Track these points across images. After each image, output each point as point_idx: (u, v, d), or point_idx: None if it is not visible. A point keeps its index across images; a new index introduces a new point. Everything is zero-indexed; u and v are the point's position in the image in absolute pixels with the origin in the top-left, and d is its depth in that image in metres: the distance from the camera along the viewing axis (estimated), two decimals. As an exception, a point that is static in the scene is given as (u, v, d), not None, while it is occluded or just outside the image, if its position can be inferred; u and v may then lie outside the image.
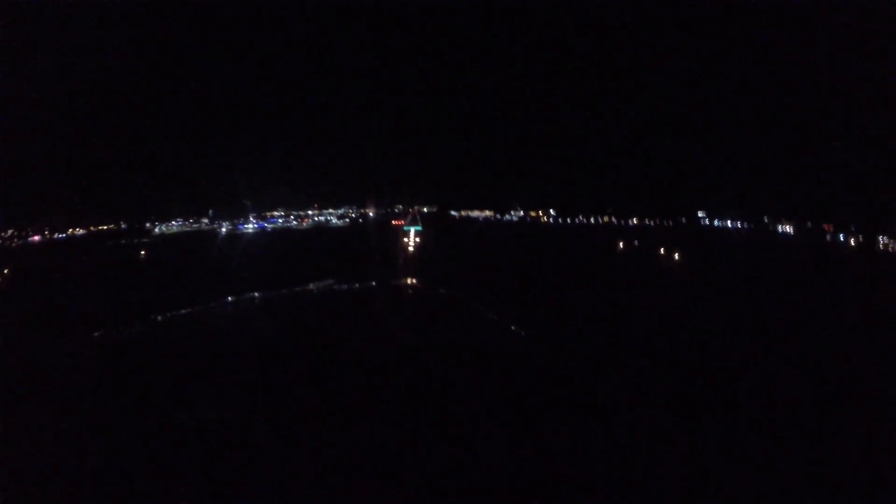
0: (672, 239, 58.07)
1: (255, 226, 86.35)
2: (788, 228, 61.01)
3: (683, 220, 76.41)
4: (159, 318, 22.31)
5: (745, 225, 69.21)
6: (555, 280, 33.39)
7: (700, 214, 74.15)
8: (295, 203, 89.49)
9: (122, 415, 10.64)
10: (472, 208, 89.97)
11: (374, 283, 30.71)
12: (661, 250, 46.73)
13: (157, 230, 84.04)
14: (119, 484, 7.83)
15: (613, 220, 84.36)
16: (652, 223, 79.02)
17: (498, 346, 16.74)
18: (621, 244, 55.15)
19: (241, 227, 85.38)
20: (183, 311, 23.21)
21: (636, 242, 55.83)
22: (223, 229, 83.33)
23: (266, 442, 9.35)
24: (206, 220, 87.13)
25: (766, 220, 66.27)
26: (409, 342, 17.39)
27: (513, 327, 19.22)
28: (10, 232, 66.93)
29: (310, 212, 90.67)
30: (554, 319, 20.55)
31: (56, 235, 73.72)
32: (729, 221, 72.39)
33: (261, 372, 14.15)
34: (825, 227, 56.43)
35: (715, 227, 74.13)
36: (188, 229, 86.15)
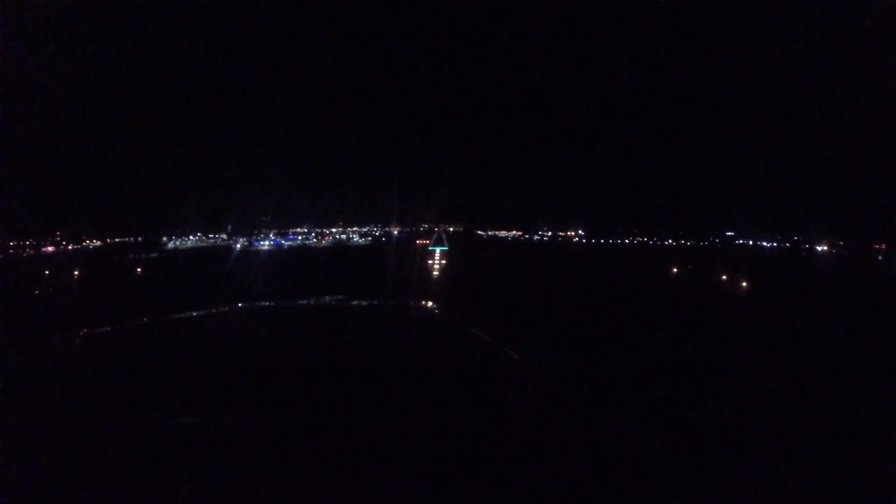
0: (720, 261, 51.50)
1: (272, 242, 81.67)
2: (825, 247, 57.71)
3: (717, 240, 71.63)
4: (148, 320, 22.37)
5: (778, 244, 66.49)
6: (611, 318, 26.78)
7: (729, 234, 70.79)
8: (321, 220, 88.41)
9: (118, 417, 10.59)
10: (498, 228, 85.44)
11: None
12: (724, 277, 40.09)
13: (170, 244, 79.50)
14: (118, 487, 7.90)
15: (647, 239, 78.09)
16: (688, 243, 73.08)
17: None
18: (675, 269, 48.29)
19: (256, 243, 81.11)
20: (172, 317, 23.03)
21: (689, 267, 49.01)
22: (238, 245, 78.46)
23: (259, 449, 9.48)
24: (224, 236, 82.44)
25: (795, 239, 63.79)
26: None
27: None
28: (28, 241, 66.15)
29: (333, 229, 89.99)
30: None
31: (71, 246, 72.06)
32: (764, 241, 68.73)
33: (252, 379, 14.31)
34: (877, 246, 49.76)
35: (750, 246, 67.49)
36: (203, 244, 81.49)
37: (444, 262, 54.61)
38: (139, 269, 52.57)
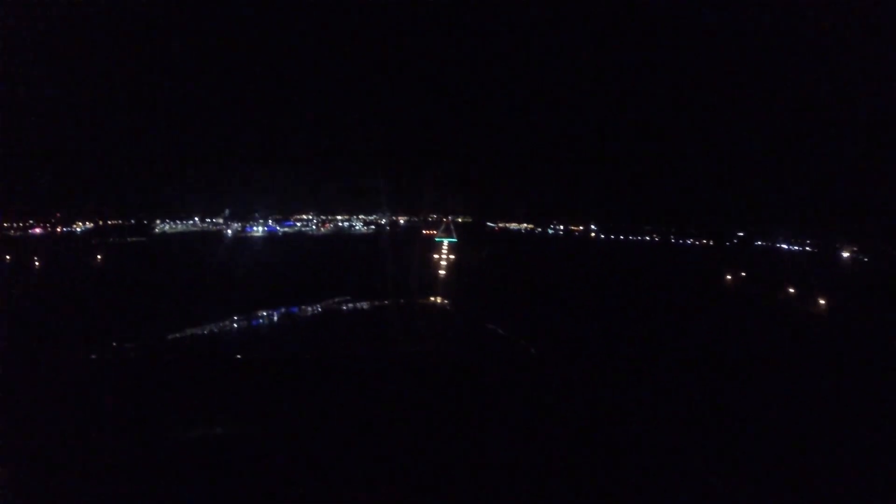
0: (770, 269, 44.65)
1: (266, 229, 74.74)
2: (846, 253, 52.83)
3: (735, 240, 68.60)
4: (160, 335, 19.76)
5: (800, 247, 60.79)
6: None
7: (740, 234, 66.83)
8: (327, 208, 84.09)
9: (125, 431, 9.74)
10: (508, 221, 79.58)
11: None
12: (791, 290, 32.98)
13: (157, 229, 72.85)
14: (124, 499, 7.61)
15: (661, 237, 71.95)
16: (710, 243, 67.52)
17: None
18: (728, 276, 41.04)
19: (248, 229, 74.25)
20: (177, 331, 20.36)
21: (743, 274, 41.92)
22: (229, 231, 71.82)
23: (274, 459, 8.90)
24: (220, 220, 75.58)
25: (808, 243, 60.04)
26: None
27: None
28: (16, 223, 63.13)
29: (338, 217, 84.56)
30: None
31: (60, 229, 67.56)
32: (783, 244, 62.85)
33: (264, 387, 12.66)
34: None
35: (780, 250, 61.32)
36: (193, 229, 75.03)
37: (452, 258, 47.49)
38: (99, 258, 46.26)
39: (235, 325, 23.40)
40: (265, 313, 25.59)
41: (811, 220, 58.42)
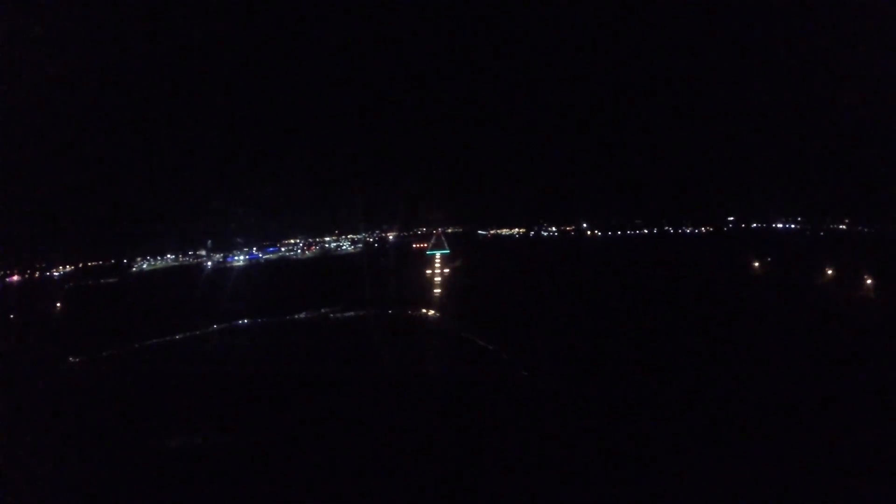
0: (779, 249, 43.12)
1: (248, 257, 71.10)
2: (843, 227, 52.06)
3: (730, 225, 66.57)
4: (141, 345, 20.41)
5: (794, 226, 58.83)
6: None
7: (730, 219, 65.82)
8: (315, 230, 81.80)
9: (116, 440, 9.90)
10: (499, 227, 77.48)
11: None
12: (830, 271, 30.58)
13: (135, 267, 68.83)
14: None
15: (657, 229, 70.21)
16: (708, 230, 65.28)
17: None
18: (756, 264, 38.96)
19: (230, 259, 70.70)
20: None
21: (769, 259, 39.91)
22: (209, 263, 68.13)
23: (253, 469, 8.68)
24: (203, 252, 76.15)
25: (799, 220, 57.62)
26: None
27: None
28: None
29: (327, 238, 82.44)
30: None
31: (36, 275, 63.18)
32: (779, 224, 60.98)
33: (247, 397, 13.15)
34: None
35: (781, 230, 62.41)
36: (173, 264, 71.30)
37: (446, 273, 44.86)
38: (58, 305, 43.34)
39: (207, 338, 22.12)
40: (246, 322, 24.37)
41: (795, 197, 57.08)
